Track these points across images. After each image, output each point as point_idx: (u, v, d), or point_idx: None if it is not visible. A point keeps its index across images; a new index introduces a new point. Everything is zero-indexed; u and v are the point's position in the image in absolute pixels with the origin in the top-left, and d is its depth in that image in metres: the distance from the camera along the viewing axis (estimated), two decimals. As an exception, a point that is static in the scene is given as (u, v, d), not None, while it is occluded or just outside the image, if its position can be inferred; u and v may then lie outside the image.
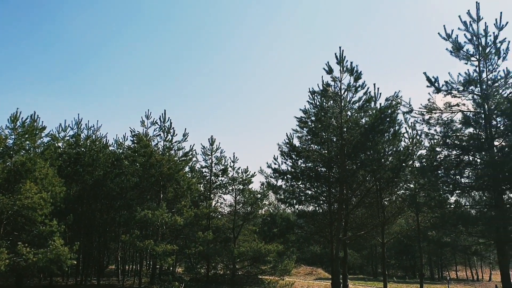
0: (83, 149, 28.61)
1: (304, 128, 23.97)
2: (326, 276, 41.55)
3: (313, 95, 23.40)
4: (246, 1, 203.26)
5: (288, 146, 24.46)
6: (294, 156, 24.61)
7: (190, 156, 29.24)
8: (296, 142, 24.37)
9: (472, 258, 53.40)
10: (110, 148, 31.19)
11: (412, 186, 22.66)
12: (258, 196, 29.60)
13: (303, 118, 23.75)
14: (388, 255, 47.42)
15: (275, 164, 24.72)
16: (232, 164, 30.39)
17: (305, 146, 24.46)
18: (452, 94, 17.62)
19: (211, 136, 30.73)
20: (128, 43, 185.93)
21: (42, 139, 23.72)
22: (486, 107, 17.11)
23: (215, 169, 30.58)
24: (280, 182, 25.27)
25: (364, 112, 22.63)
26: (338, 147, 22.70)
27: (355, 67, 22.02)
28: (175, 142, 28.81)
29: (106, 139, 31.30)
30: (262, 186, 27.20)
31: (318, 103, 23.50)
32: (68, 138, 29.34)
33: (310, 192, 25.27)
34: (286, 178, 24.87)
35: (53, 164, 22.46)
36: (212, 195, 31.04)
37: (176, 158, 28.00)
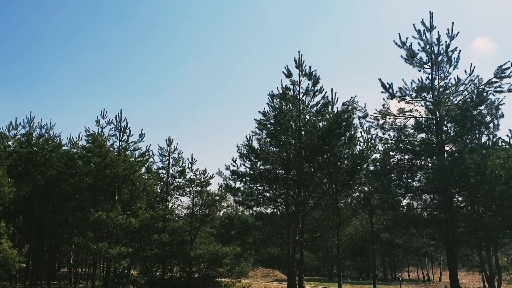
0: (35, 148, 27.47)
1: (264, 131, 24.08)
2: (283, 277, 41.81)
3: (272, 98, 23.55)
4: None
5: (247, 148, 24.47)
6: (253, 158, 24.64)
7: (147, 157, 28.65)
8: (255, 144, 24.44)
9: (423, 259, 55.30)
10: (64, 147, 30.12)
11: (366, 189, 23.24)
12: (216, 198, 29.41)
13: (262, 121, 23.85)
14: (343, 256, 48.28)
15: (233, 166, 24.69)
16: (190, 165, 30.05)
17: (264, 149, 24.54)
18: (406, 100, 18.23)
19: (169, 137, 30.25)
20: (84, 41, 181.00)
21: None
22: (438, 113, 17.79)
23: (173, 170, 30.14)
24: (238, 184, 25.27)
25: (322, 116, 22.99)
26: (296, 150, 22.94)
27: (313, 71, 22.38)
28: (131, 143, 28.16)
29: (60, 138, 30.21)
30: (220, 188, 27.06)
31: (277, 106, 23.67)
32: (19, 136, 28.11)
33: (268, 194, 25.35)
34: (244, 180, 24.87)
35: (1, 164, 21.49)
36: (169, 197, 30.59)
37: (132, 159, 27.37)
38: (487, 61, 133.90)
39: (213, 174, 30.02)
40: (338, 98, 22.74)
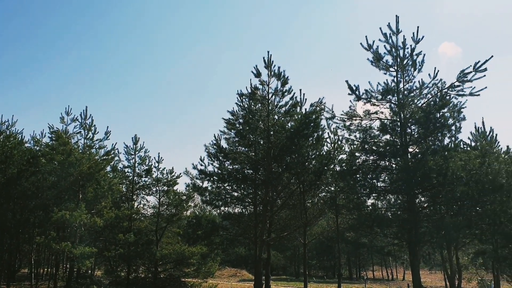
0: (-5, 145, 26.58)
1: (232, 130, 24.03)
2: (250, 277, 41.86)
3: (241, 98, 23.54)
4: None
5: (215, 147, 24.36)
6: (221, 157, 24.55)
7: (112, 155, 28.06)
8: (223, 144, 24.37)
9: (388, 258, 56.56)
10: (26, 144, 29.25)
11: (332, 189, 23.54)
12: (183, 197, 29.13)
13: (231, 120, 23.81)
14: (309, 255, 48.95)
15: (201, 165, 24.52)
16: (156, 164, 29.65)
17: (232, 148, 24.50)
18: (372, 102, 18.54)
19: (135, 135, 29.80)
20: (49, 36, 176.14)
21: None
22: (402, 115, 18.16)
23: (139, 169, 29.68)
24: (206, 184, 25.11)
25: (290, 117, 23.15)
26: (265, 150, 22.99)
27: (282, 72, 22.52)
28: (97, 140, 27.63)
29: (22, 135, 29.32)
30: (187, 188, 26.78)
31: (246, 105, 23.67)
32: (-22, 133, 27.13)
33: (236, 194, 25.32)
34: (212, 179, 24.73)
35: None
36: (134, 196, 30.12)
37: (97, 157, 26.79)
38: (452, 65, 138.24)
39: (180, 174, 29.73)
40: (306, 99, 22.97)
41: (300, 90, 23.38)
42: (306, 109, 22.29)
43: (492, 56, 16.67)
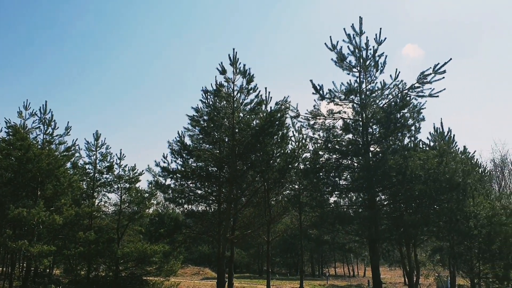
0: None
1: (196, 127, 23.83)
2: (213, 275, 41.71)
3: (206, 94, 23.37)
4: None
5: (179, 144, 24.08)
6: (185, 155, 24.30)
7: (73, 152, 27.40)
8: (187, 141, 24.13)
9: (349, 255, 57.64)
10: (-19, 139, 28.06)
11: (296, 187, 23.76)
12: (146, 195, 28.65)
13: (195, 117, 23.59)
14: (273, 253, 49.20)
15: (164, 162, 24.19)
16: (118, 161, 28.95)
17: (196, 145, 24.31)
18: (335, 102, 18.80)
19: (96, 131, 29.03)
20: (7, 30, 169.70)
21: None
22: (364, 115, 18.52)
23: (100, 166, 28.94)
24: (169, 181, 24.79)
25: (256, 115, 23.17)
26: (229, 148, 22.94)
27: (247, 69, 22.49)
28: (56, 136, 26.76)
29: (-24, 130, 28.12)
30: (150, 185, 26.40)
31: (211, 102, 23.53)
32: None
33: (200, 192, 25.17)
34: (175, 177, 24.45)
35: None
36: (95, 194, 29.42)
37: (57, 153, 26.00)
38: (415, 67, 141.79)
39: (142, 171, 29.24)
40: (271, 98, 23.12)
41: (266, 88, 23.50)
42: (271, 107, 22.43)
43: (450, 59, 17.23)
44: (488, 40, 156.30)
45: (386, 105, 18.52)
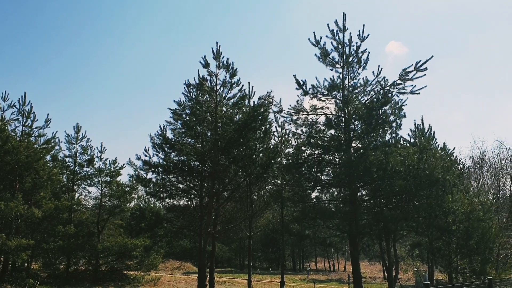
0: None
1: (179, 121, 23.62)
2: (194, 270, 41.65)
3: (188, 88, 23.17)
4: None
5: (160, 138, 23.84)
6: (166, 148, 24.08)
7: (52, 144, 26.91)
8: (169, 135, 23.87)
9: (330, 250, 58.25)
10: (-43, 131, 27.42)
11: (279, 181, 23.80)
12: (127, 189, 28.51)
13: (177, 110, 23.38)
14: (254, 247, 49.44)
15: (146, 156, 23.90)
16: (99, 154, 28.83)
17: (178, 139, 24.09)
18: (318, 98, 18.85)
19: (77, 124, 28.82)
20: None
21: None
22: (346, 111, 18.60)
23: (80, 159, 28.70)
24: (150, 175, 24.56)
25: (239, 109, 23.06)
26: (212, 142, 22.82)
27: (231, 63, 22.33)
28: (36, 128, 26.25)
29: (-47, 121, 27.45)
30: (131, 179, 26.17)
31: (193, 96, 23.33)
32: None
33: (182, 186, 24.98)
34: (157, 171, 24.22)
35: None
36: (75, 187, 29.14)
37: (36, 145, 25.60)
38: (398, 64, 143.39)
39: (123, 164, 29.13)
40: (255, 92, 22.94)
41: (249, 82, 23.37)
42: (254, 102, 22.30)
43: (432, 56, 17.39)
44: (471, 38, 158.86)
45: (368, 101, 18.63)
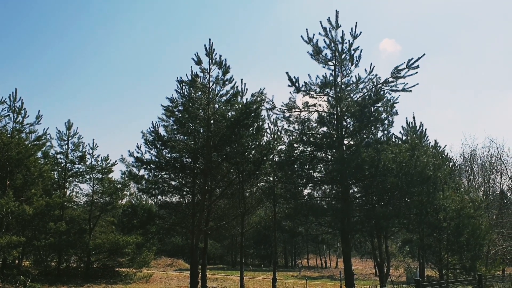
0: None
1: (171, 118, 23.59)
2: (186, 267, 41.65)
3: (181, 85, 23.11)
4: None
5: (153, 134, 23.81)
6: (159, 145, 24.05)
7: (44, 141, 26.79)
8: (161, 131, 23.85)
9: (322, 247, 58.51)
10: None
11: (271, 178, 23.84)
12: (119, 186, 28.44)
13: (170, 107, 23.33)
14: (247, 244, 49.50)
15: (138, 152, 23.83)
16: (91, 151, 28.76)
17: (171, 136, 24.07)
18: (310, 95, 18.88)
19: (68, 120, 28.71)
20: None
21: None
22: (339, 108, 18.67)
23: (72, 155, 28.61)
24: (142, 172, 24.52)
25: (231, 106, 23.06)
26: (204, 139, 22.80)
27: (223, 60, 22.28)
28: (27, 125, 26.09)
29: None
30: (123, 176, 26.08)
31: (186, 93, 23.28)
32: None
33: (174, 183, 24.96)
34: (149, 167, 24.19)
35: None
36: (67, 184, 29.04)
37: (27, 142, 25.47)
38: (392, 61, 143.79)
39: (115, 161, 29.03)
40: (247, 89, 22.94)
41: (242, 80, 23.35)
42: (247, 99, 22.30)
43: (424, 54, 17.49)
44: (462, 36, 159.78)
45: (360, 98, 18.72)
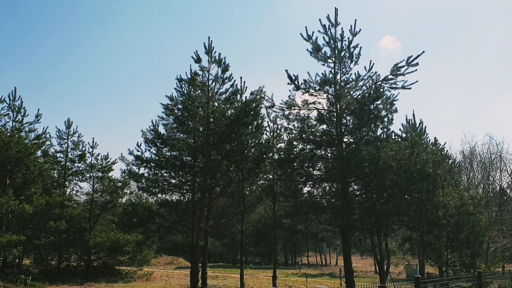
0: None
1: (171, 116, 23.61)
2: (187, 265, 41.69)
3: (180, 83, 23.14)
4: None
5: (153, 133, 23.84)
6: (159, 143, 24.08)
7: (43, 139, 26.83)
8: (161, 130, 23.88)
9: (322, 244, 58.61)
10: None
11: (271, 176, 23.86)
12: (119, 184, 28.46)
13: (169, 106, 23.36)
14: (247, 242, 49.52)
15: (138, 151, 23.87)
16: (91, 149, 28.79)
17: (170, 134, 24.10)
18: (310, 93, 18.86)
19: (68, 119, 28.72)
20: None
21: None
22: (338, 106, 18.65)
23: (72, 154, 28.61)
24: (142, 170, 24.56)
25: (231, 104, 23.08)
26: (204, 137, 22.81)
27: (223, 58, 22.29)
28: (26, 123, 26.11)
29: None
30: (123, 174, 26.08)
31: (185, 91, 23.30)
32: None
33: (174, 181, 25.00)
34: (149, 166, 24.23)
35: None
36: (67, 182, 29.06)
37: (26, 141, 25.47)
38: (392, 58, 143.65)
39: (115, 160, 29.06)
40: (247, 87, 23.01)
41: (241, 78, 23.40)
42: (246, 97, 22.32)
43: (423, 52, 17.48)
44: (462, 34, 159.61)
45: (360, 96, 18.71)
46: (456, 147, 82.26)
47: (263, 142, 22.87)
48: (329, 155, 19.41)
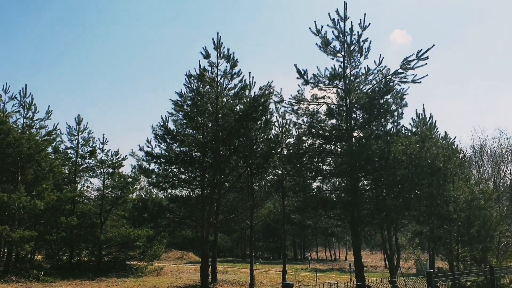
0: None
1: (180, 112, 23.73)
2: (197, 259, 41.92)
3: (189, 79, 23.26)
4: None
5: (162, 129, 23.99)
6: (168, 139, 24.25)
7: (54, 136, 27.08)
8: (171, 126, 24.04)
9: (331, 239, 58.52)
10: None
11: (280, 172, 23.83)
12: (129, 180, 28.65)
13: (179, 102, 23.49)
14: (256, 237, 49.66)
15: (148, 147, 24.08)
16: (101, 145, 28.99)
17: (180, 130, 24.21)
18: (319, 87, 18.75)
19: (78, 115, 29.01)
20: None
21: None
22: (348, 100, 18.54)
23: (82, 150, 28.84)
24: (152, 166, 24.74)
25: (239, 100, 23.11)
26: (213, 133, 22.86)
27: (231, 54, 22.33)
28: (37, 120, 26.37)
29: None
30: (133, 170, 26.30)
31: (194, 87, 23.40)
32: None
33: (183, 177, 25.15)
34: (159, 161, 24.40)
35: None
36: (78, 178, 29.30)
37: (37, 137, 25.72)
38: (402, 52, 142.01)
39: (126, 156, 29.23)
40: (255, 83, 22.99)
41: (250, 73, 23.41)
42: (255, 92, 22.35)
43: (433, 45, 17.26)
44: (473, 27, 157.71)
45: (370, 90, 18.57)
46: (466, 141, 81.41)
47: (272, 137, 22.89)
48: (338, 150, 19.34)
